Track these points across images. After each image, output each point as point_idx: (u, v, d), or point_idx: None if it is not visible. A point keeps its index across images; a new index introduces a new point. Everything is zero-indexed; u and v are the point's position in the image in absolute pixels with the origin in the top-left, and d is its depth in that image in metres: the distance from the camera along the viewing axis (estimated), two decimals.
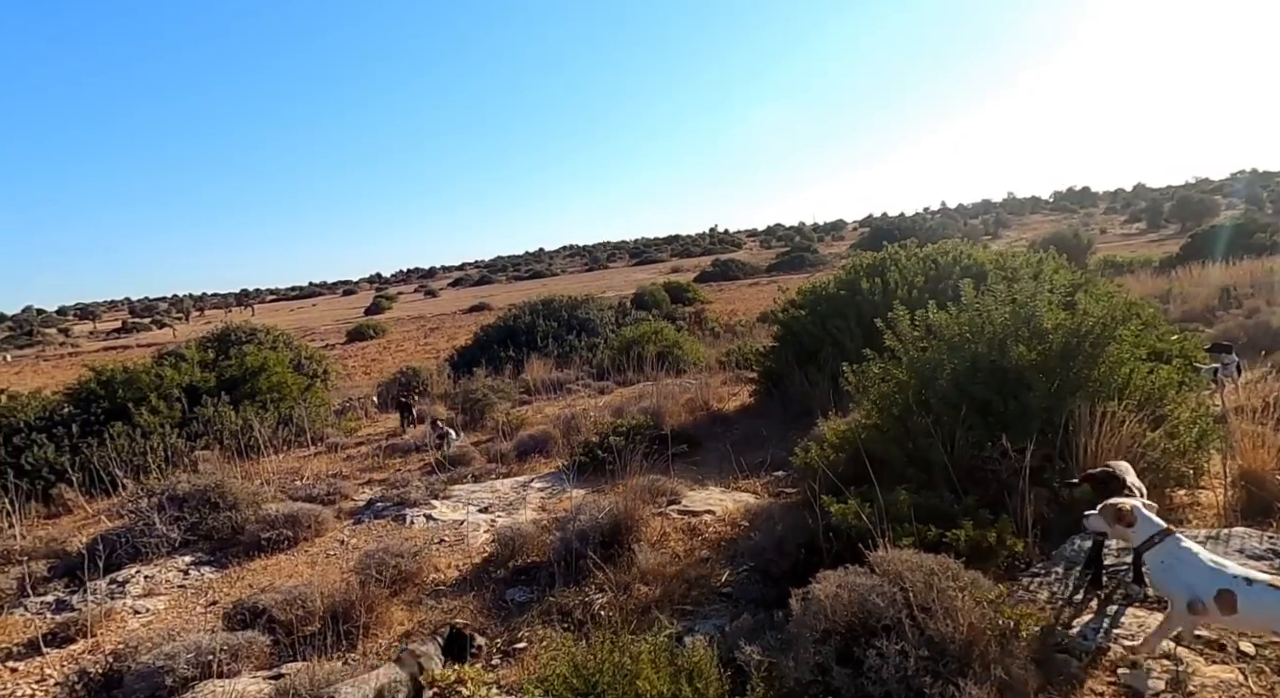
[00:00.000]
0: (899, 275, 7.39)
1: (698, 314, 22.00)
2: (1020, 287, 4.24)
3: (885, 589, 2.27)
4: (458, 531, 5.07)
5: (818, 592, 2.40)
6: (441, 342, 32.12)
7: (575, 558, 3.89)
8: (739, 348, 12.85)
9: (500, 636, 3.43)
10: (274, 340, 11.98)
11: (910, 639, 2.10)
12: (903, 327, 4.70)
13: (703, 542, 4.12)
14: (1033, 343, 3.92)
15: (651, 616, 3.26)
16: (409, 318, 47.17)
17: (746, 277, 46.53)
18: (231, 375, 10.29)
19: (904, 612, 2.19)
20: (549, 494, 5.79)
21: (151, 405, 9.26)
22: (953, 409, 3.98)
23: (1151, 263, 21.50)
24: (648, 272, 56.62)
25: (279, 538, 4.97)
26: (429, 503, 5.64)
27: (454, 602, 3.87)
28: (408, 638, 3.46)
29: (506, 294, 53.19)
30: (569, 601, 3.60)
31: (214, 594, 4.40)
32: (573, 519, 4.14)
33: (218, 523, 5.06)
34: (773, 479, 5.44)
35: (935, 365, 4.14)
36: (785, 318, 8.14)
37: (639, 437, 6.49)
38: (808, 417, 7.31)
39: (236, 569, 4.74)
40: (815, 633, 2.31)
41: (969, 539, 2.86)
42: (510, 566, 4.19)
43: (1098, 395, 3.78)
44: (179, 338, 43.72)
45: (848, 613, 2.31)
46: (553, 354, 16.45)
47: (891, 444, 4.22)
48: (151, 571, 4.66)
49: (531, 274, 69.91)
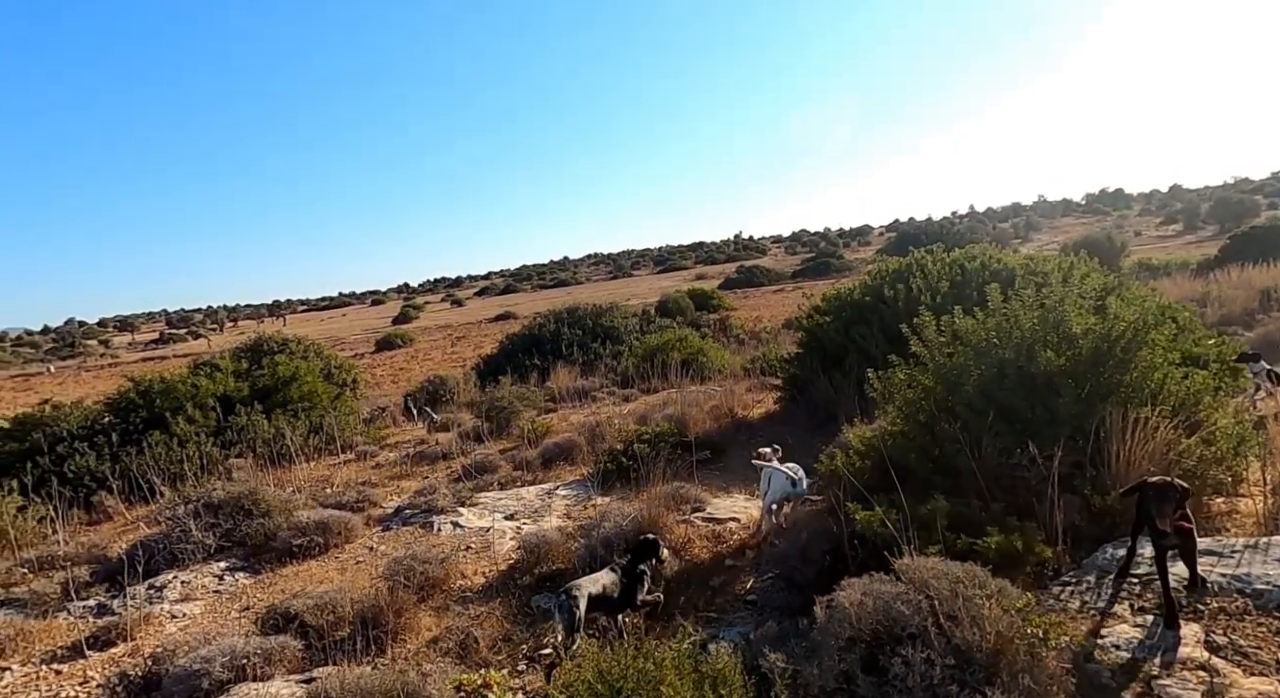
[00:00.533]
0: (923, 281, 7.32)
1: (722, 321, 21.96)
2: (1049, 291, 4.19)
3: (910, 597, 2.25)
4: (484, 537, 5.12)
5: (842, 599, 2.39)
6: (468, 350, 32.45)
7: (600, 565, 3.90)
8: (763, 355, 12.81)
9: (526, 642, 3.46)
10: (305, 350, 12.19)
11: (936, 648, 2.08)
12: (929, 333, 4.67)
13: (727, 548, 4.12)
14: (1061, 348, 3.87)
15: (676, 622, 3.26)
16: (436, 327, 47.72)
17: (771, 283, 46.37)
18: (264, 385, 10.49)
19: (930, 620, 2.18)
20: (574, 502, 5.82)
21: (188, 415, 9.47)
22: (979, 416, 3.94)
23: (1189, 266, 21.03)
24: (672, 279, 56.65)
25: (310, 545, 5.06)
26: (456, 510, 5.70)
27: (480, 608, 3.91)
28: (432, 646, 3.51)
29: (531, 302, 53.55)
30: None
31: (248, 599, 4.49)
32: (597, 526, 4.16)
33: (251, 530, 5.17)
34: None
35: (962, 371, 4.10)
36: (810, 324, 8.11)
37: (663, 444, 6.51)
38: (833, 423, 7.26)
39: (269, 575, 4.83)
40: (840, 641, 2.30)
41: (998, 547, 2.83)
42: (535, 572, 4.22)
43: (1130, 402, 3.73)
44: (213, 348, 44.67)
45: (873, 621, 2.30)
46: (578, 362, 16.54)
47: (917, 451, 4.18)
48: (188, 576, 4.77)
49: (556, 282, 70.31)
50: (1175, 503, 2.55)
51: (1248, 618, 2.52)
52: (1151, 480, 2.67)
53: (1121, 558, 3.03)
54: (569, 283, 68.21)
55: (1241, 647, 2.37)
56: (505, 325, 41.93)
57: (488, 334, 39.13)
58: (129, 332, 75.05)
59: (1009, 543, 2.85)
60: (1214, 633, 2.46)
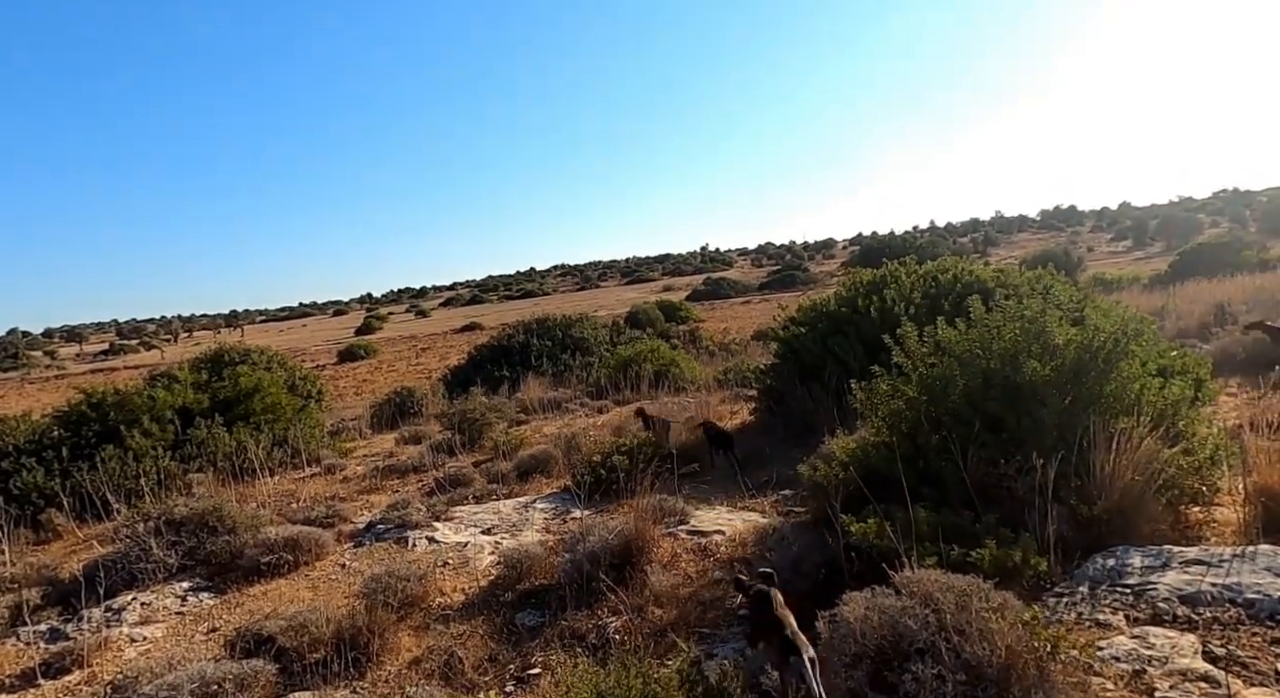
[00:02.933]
0: (898, 293, 7.39)
1: (692, 333, 21.98)
2: (1030, 302, 4.23)
3: (917, 611, 2.21)
4: (461, 553, 4.98)
5: (846, 614, 2.35)
6: (433, 361, 32.03)
7: (586, 580, 3.81)
8: (736, 366, 12.82)
9: (513, 662, 3.34)
10: (268, 361, 11.86)
11: (947, 663, 2.04)
12: (910, 343, 4.69)
13: (715, 562, 4.05)
14: (1044, 359, 3.91)
15: (668, 639, 3.19)
16: (400, 338, 47.07)
17: (739, 295, 46.75)
18: (225, 397, 10.15)
19: (938, 635, 2.14)
20: (553, 515, 5.71)
21: (144, 428, 9.11)
22: (965, 426, 3.95)
23: (1140, 280, 21.71)
24: (639, 291, 56.77)
25: (279, 562, 4.87)
26: (430, 525, 5.55)
27: (462, 626, 3.78)
28: (414, 667, 3.37)
29: (498, 314, 53.16)
30: (581, 624, 3.52)
31: (213, 621, 4.29)
32: (581, 540, 4.07)
33: (216, 547, 4.95)
34: (780, 498, 5.39)
35: (947, 382, 4.11)
36: (786, 335, 8.11)
37: (642, 456, 6.44)
38: (811, 434, 7.26)
39: (236, 595, 4.63)
40: (845, 657, 2.25)
41: (993, 559, 2.81)
42: (518, 588, 4.11)
43: (1111, 412, 3.77)
44: (168, 359, 43.42)
45: (877, 636, 2.26)
46: (548, 373, 16.41)
47: (903, 462, 4.17)
48: (148, 597, 4.54)
49: (523, 293, 69.94)
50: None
51: (1242, 628, 2.53)
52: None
53: (1111, 569, 3.04)
54: (536, 294, 67.89)
55: (1240, 657, 2.38)
56: (471, 336, 41.55)
57: (453, 345, 38.71)
58: (77, 342, 72.54)
59: (1005, 555, 2.84)
60: (1211, 644, 2.47)
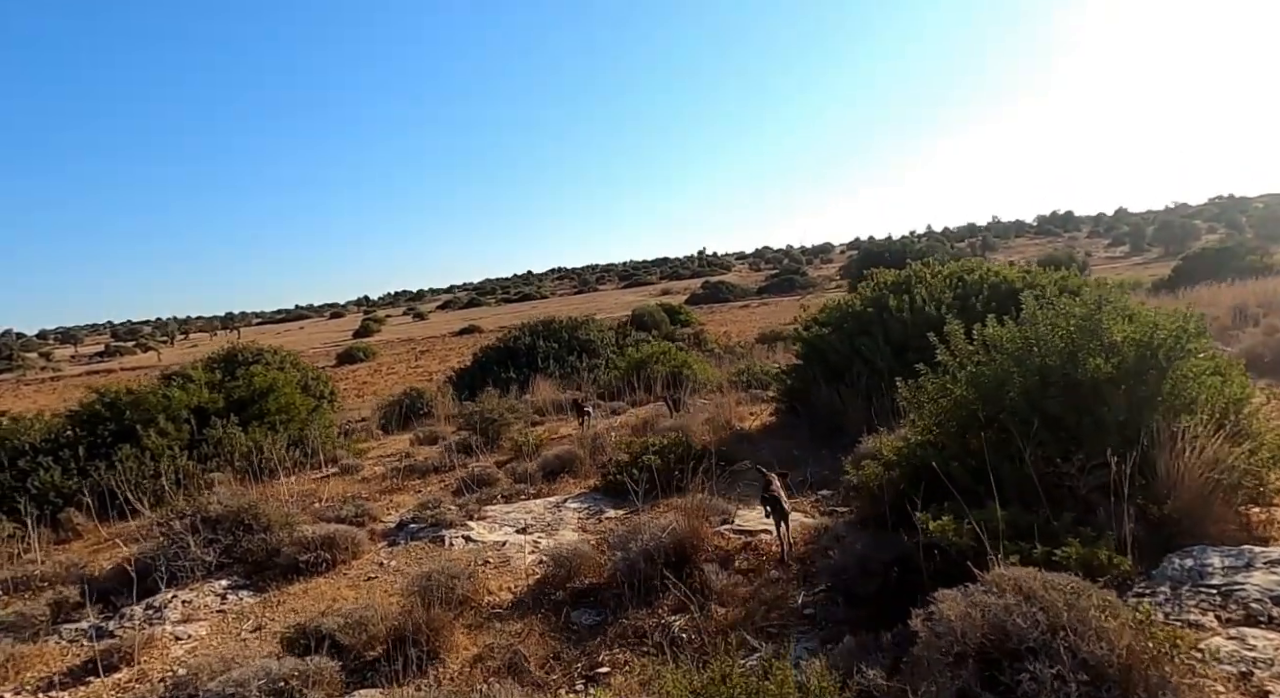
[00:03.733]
0: (926, 292, 7.37)
1: (696, 335, 21.96)
2: (1085, 298, 4.21)
3: (1025, 609, 2.17)
4: (500, 552, 4.93)
5: (945, 612, 2.30)
6: (433, 364, 31.93)
7: (642, 579, 3.77)
8: (748, 368, 12.80)
9: (578, 660, 3.29)
10: (281, 361, 11.78)
11: (1065, 663, 2.00)
12: (957, 341, 4.66)
13: (767, 561, 4.01)
14: (1105, 356, 3.88)
15: (735, 637, 3.13)
16: (398, 340, 46.94)
17: (737, 299, 46.77)
18: (240, 396, 10.07)
19: (1049, 634, 2.10)
20: (586, 515, 5.67)
21: (160, 427, 9.03)
22: (1023, 424, 3.92)
23: (1142, 286, 21.73)
24: (638, 294, 56.75)
25: (316, 561, 4.80)
26: (465, 524, 5.49)
27: (517, 624, 3.72)
28: (476, 666, 3.32)
29: (496, 316, 53.07)
30: (643, 622, 3.47)
31: (256, 619, 4.22)
32: (633, 538, 4.02)
33: (252, 545, 4.88)
34: (819, 498, 5.34)
35: (1003, 379, 4.08)
36: (809, 336, 8.08)
37: (673, 455, 6.40)
38: (838, 436, 7.24)
39: (276, 593, 4.56)
40: (949, 656, 2.21)
41: (1080, 558, 2.77)
42: (568, 587, 4.06)
43: (1173, 411, 3.74)
44: (164, 361, 43.18)
45: (980, 635, 2.21)
46: (554, 375, 16.36)
47: (956, 461, 4.14)
48: (188, 595, 4.48)
49: (521, 296, 69.85)
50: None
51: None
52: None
53: (1190, 569, 3.01)
54: (534, 297, 67.80)
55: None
56: (470, 339, 41.47)
57: (452, 348, 38.61)
58: (72, 344, 72.19)
59: (1091, 554, 2.80)
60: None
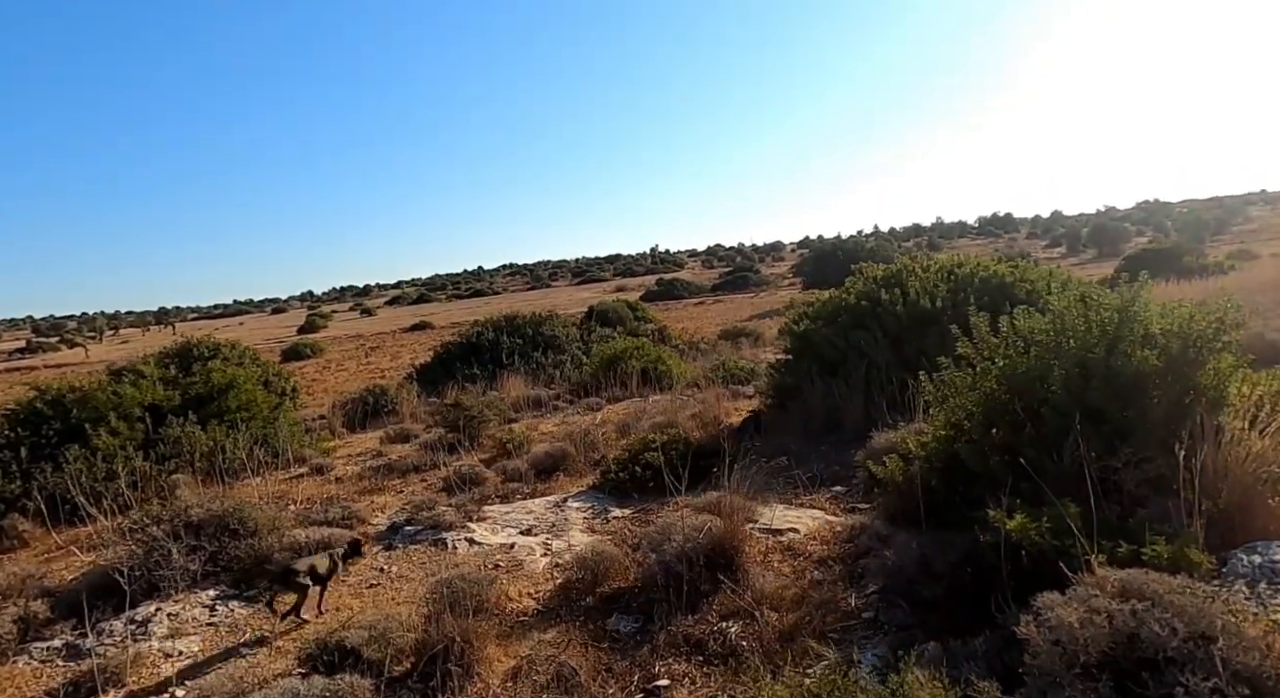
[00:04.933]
0: (920, 286, 7.34)
1: (661, 331, 21.79)
2: (1121, 290, 4.16)
3: (1160, 616, 2.05)
4: (510, 555, 4.66)
5: (1065, 618, 2.16)
6: (385, 361, 31.05)
7: (681, 583, 3.56)
8: (724, 363, 12.71)
9: (631, 673, 3.07)
10: (240, 356, 11.17)
11: (1221, 674, 1.87)
12: (982, 334, 4.58)
13: (809, 562, 3.85)
14: (1145, 348, 3.83)
15: (800, 642, 2.97)
16: (346, 336, 45.64)
17: (692, 296, 46.87)
18: (197, 393, 9.49)
19: (1188, 643, 1.97)
20: (592, 514, 5.44)
21: (111, 426, 8.42)
22: (1062, 418, 3.85)
23: (1090, 284, 22.44)
24: (592, 290, 56.40)
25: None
26: (465, 526, 5.21)
27: (550, 634, 3.48)
28: (517, 680, 3.07)
29: (448, 312, 52.05)
30: (692, 630, 3.27)
31: (253, 632, 3.88)
32: (666, 540, 3.82)
33: (240, 552, 4.51)
34: (834, 495, 5.22)
35: (1041, 372, 4.00)
36: (801, 330, 7.99)
37: (674, 452, 6.21)
38: (835, 431, 7.16)
39: None
40: (1075, 668, 2.07)
41: (1171, 557, 2.68)
42: (597, 592, 3.83)
43: (1213, 404, 3.71)
44: (93, 358, 41.03)
45: (1106, 643, 2.08)
46: (520, 371, 16.02)
47: (992, 456, 4.06)
48: (173, 607, 4.09)
49: (473, 292, 68.72)
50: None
51: None
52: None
53: (1260, 565, 2.96)
54: (486, 293, 66.75)
55: None
56: (422, 336, 40.53)
57: (404, 344, 37.65)
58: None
59: (1181, 553, 2.71)
60: None
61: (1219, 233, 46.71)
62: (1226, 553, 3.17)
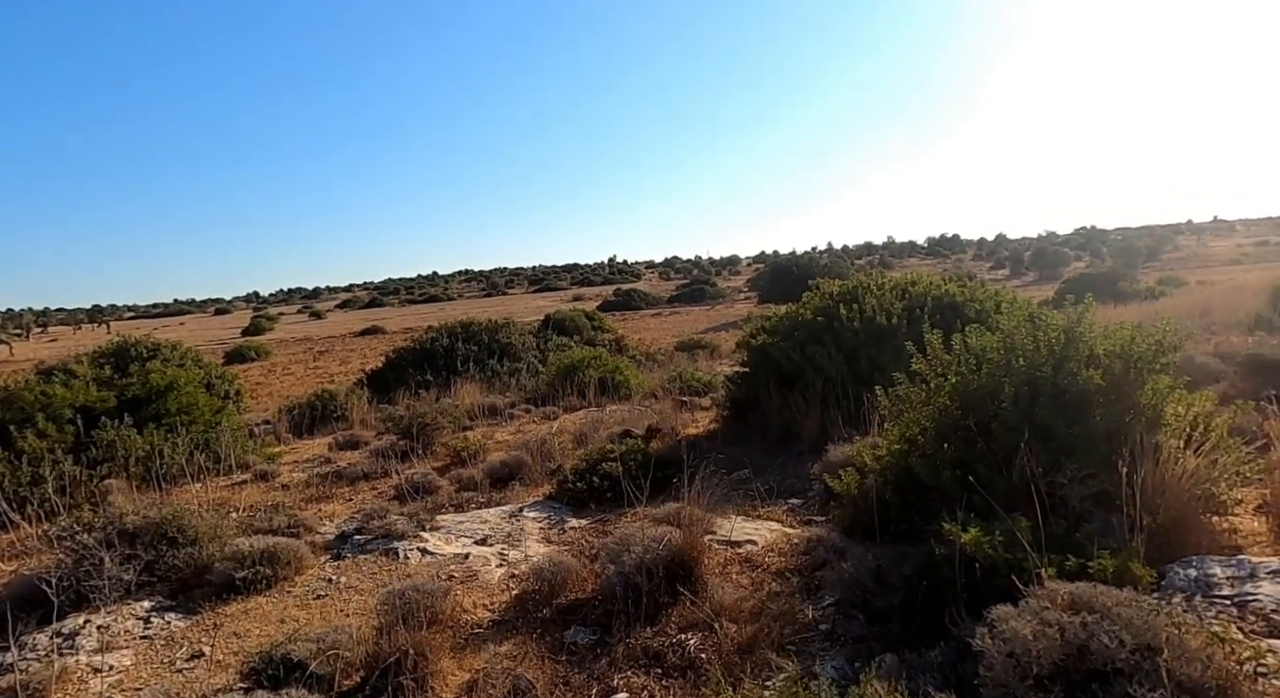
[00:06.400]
0: (877, 303, 7.49)
1: (618, 341, 21.81)
2: (1069, 312, 4.30)
3: (1109, 628, 2.10)
4: (464, 566, 4.57)
5: (1020, 630, 2.21)
6: (334, 365, 30.36)
7: (637, 595, 3.54)
8: (679, 375, 12.75)
9: (588, 686, 3.02)
10: (181, 357, 10.78)
11: (1166, 685, 1.93)
12: (936, 351, 4.69)
13: (767, 574, 3.86)
14: (1090, 368, 3.97)
15: (760, 654, 2.97)
16: (294, 340, 44.51)
17: (649, 307, 47.04)
18: (135, 395, 9.12)
19: (1135, 654, 2.03)
20: (548, 525, 5.37)
21: (38, 428, 8.03)
22: (1012, 434, 3.96)
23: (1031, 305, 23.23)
24: (549, 299, 56.12)
25: (255, 577, 4.29)
26: (418, 535, 5.09)
27: (505, 646, 3.41)
28: (473, 693, 3.00)
29: (400, 317, 51.21)
30: (650, 642, 3.24)
31: (190, 646, 3.70)
32: (625, 551, 3.79)
33: (178, 561, 4.33)
34: (790, 508, 5.26)
35: (993, 389, 4.10)
36: (759, 343, 8.06)
37: (633, 462, 6.20)
38: (792, 443, 7.23)
39: (209, 615, 4.03)
40: (1028, 679, 2.11)
41: (1115, 570, 2.76)
42: (554, 604, 3.77)
43: (1151, 424, 3.86)
44: (18, 357, 39.14)
45: (1058, 655, 2.13)
46: (475, 379, 15.83)
47: (944, 470, 4.14)
48: (104, 620, 3.88)
49: (427, 298, 67.72)
50: None
51: None
52: None
53: (1195, 579, 3.07)
54: (440, 299, 65.81)
55: None
56: (373, 341, 39.76)
57: (354, 349, 36.87)
58: None
59: (1124, 566, 2.80)
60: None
61: (1150, 260, 48.94)
62: (1164, 567, 3.29)
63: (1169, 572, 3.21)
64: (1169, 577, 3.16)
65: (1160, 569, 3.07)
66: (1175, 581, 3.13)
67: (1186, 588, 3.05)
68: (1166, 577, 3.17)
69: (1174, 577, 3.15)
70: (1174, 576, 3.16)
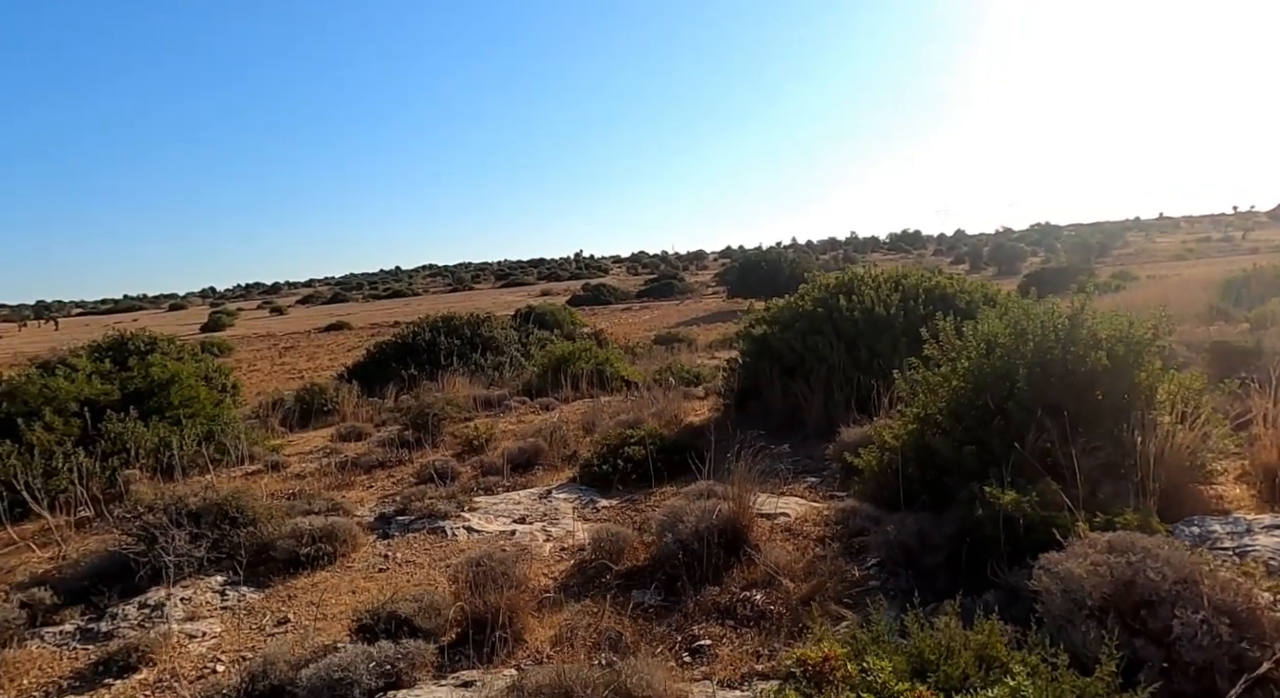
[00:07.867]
0: (874, 294, 7.90)
1: (598, 335, 22.04)
2: (1074, 298, 4.73)
3: (1153, 564, 2.48)
4: (513, 541, 4.84)
5: (1072, 569, 2.58)
6: (301, 361, 29.98)
7: (697, 559, 3.85)
8: (671, 366, 13.09)
9: (672, 637, 3.33)
10: (178, 351, 10.76)
11: (1208, 609, 2.30)
12: (948, 337, 5.09)
13: (806, 541, 4.21)
14: (1095, 350, 4.39)
15: (818, 608, 3.30)
16: (256, 336, 43.73)
17: (618, 301, 47.26)
18: (137, 388, 9.12)
19: (1176, 586, 2.40)
20: (580, 504, 5.66)
21: (46, 421, 8.02)
22: (1026, 412, 4.36)
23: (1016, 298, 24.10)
24: (516, 294, 55.99)
25: (317, 554, 4.51)
26: (460, 515, 5.34)
27: (576, 607, 3.70)
28: (564, 644, 3.29)
29: (365, 313, 50.61)
30: (719, 599, 3.56)
31: (273, 615, 3.92)
32: (679, 520, 4.10)
33: (242, 540, 4.52)
34: (810, 485, 5.62)
35: (1007, 371, 4.50)
36: (760, 334, 8.43)
37: (654, 445, 6.50)
38: (796, 429, 7.61)
39: (281, 588, 4.24)
40: (1084, 609, 2.47)
41: (1139, 523, 3.16)
42: (615, 570, 4.07)
43: (1149, 401, 4.30)
44: None
45: (1107, 589, 2.49)
46: (459, 372, 15.95)
47: (963, 445, 4.53)
48: (184, 592, 4.07)
49: (392, 293, 66.94)
50: None
51: None
52: None
53: (1199, 535, 3.50)
54: (405, 294, 65.17)
55: None
56: (339, 336, 39.31)
57: (320, 345, 36.41)
58: None
59: (1146, 520, 3.20)
60: None
61: (1102, 255, 50.74)
62: (1170, 526, 3.72)
63: (1175, 529, 3.63)
64: (1176, 533, 3.59)
65: (1168, 528, 3.47)
66: (1182, 535, 3.55)
67: (1193, 541, 3.47)
68: (1174, 533, 3.59)
69: (1180, 532, 3.58)
70: (1180, 532, 3.59)
